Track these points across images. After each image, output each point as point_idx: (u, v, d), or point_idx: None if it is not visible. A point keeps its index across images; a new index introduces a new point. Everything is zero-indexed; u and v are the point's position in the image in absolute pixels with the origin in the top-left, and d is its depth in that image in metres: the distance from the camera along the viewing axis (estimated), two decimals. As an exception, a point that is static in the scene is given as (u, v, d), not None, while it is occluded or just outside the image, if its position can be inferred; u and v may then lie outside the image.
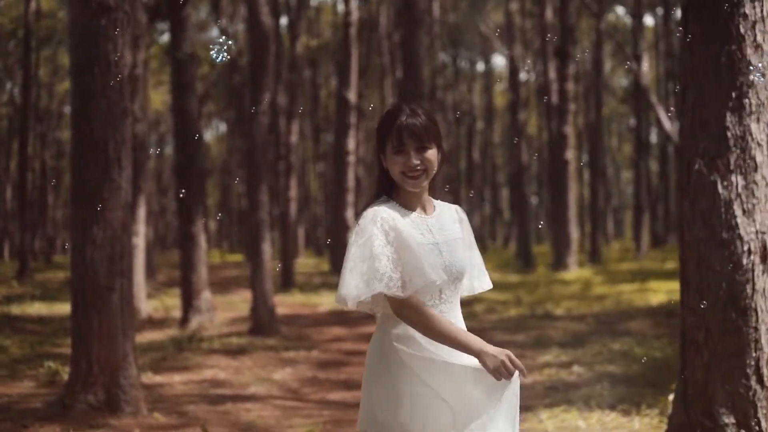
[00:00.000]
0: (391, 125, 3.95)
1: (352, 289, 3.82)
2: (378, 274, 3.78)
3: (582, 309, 19.49)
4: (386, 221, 3.85)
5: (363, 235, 3.85)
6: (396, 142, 3.93)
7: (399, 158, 3.93)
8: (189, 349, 14.27)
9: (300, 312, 21.11)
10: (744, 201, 6.53)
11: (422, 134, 3.93)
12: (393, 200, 4.01)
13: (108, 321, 9.14)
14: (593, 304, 20.45)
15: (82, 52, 9.31)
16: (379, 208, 3.92)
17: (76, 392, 9.13)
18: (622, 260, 39.57)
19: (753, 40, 6.55)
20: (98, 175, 9.17)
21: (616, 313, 18.46)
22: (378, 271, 3.77)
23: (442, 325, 3.84)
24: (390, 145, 3.96)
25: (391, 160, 3.96)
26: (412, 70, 20.11)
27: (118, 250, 9.25)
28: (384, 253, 3.80)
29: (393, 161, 3.95)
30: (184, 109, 17.87)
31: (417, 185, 3.96)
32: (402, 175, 3.94)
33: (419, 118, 3.94)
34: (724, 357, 6.56)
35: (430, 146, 3.96)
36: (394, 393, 3.88)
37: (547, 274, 30.85)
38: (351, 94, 25.79)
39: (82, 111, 9.29)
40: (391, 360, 3.91)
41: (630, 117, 64.25)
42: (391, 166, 3.96)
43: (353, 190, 25.74)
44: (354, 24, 26.40)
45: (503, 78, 58.94)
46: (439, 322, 3.85)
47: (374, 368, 3.98)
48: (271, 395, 10.66)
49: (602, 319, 17.53)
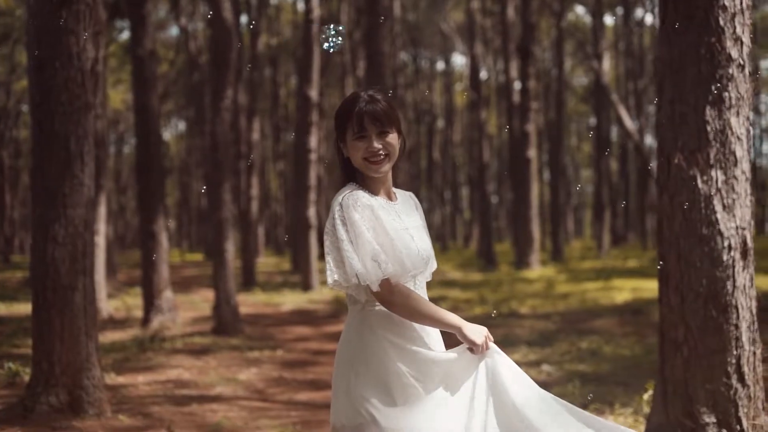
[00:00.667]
0: (351, 111, 3.96)
1: (359, 268, 3.77)
2: (381, 257, 3.80)
3: (547, 307, 19.41)
4: (367, 207, 3.86)
5: (349, 221, 3.84)
6: (357, 128, 3.94)
7: (361, 144, 3.95)
8: (152, 349, 14.04)
9: (263, 311, 20.90)
10: (724, 196, 6.43)
11: (383, 119, 3.95)
12: (361, 188, 4.00)
13: (70, 321, 8.90)
14: (558, 303, 20.38)
15: (42, 45, 9.05)
16: (356, 193, 3.91)
17: (37, 394, 8.86)
18: (584, 258, 39.64)
19: (732, 32, 6.44)
20: (59, 171, 8.92)
21: (581, 312, 18.39)
22: (379, 256, 3.80)
23: (428, 307, 3.90)
24: (351, 132, 3.97)
25: (353, 147, 3.97)
26: (376, 68, 19.94)
27: (81, 248, 9.01)
28: (369, 239, 3.82)
29: (355, 147, 3.97)
30: (146, 106, 17.65)
31: (380, 170, 3.97)
32: (365, 161, 3.97)
33: (379, 104, 3.95)
34: (704, 355, 6.46)
35: (391, 131, 3.98)
36: (382, 384, 3.85)
37: (510, 272, 30.82)
38: (313, 92, 25.56)
39: (42, 105, 9.02)
40: (374, 349, 3.90)
41: (590, 116, 64.56)
42: (353, 153, 3.98)
43: (315, 189, 25.49)
44: (316, 21, 26.15)
45: (464, 77, 59.03)
46: (425, 304, 3.90)
47: (354, 358, 3.92)
48: (237, 396, 10.45)
49: (568, 318, 17.45)
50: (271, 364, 12.87)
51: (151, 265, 17.53)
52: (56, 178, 8.92)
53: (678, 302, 6.53)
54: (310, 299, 23.64)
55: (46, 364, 8.90)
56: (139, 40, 17.83)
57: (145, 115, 17.68)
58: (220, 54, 17.08)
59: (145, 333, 16.10)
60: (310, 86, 25.66)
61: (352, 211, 3.82)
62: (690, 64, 6.50)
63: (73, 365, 8.90)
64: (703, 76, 6.46)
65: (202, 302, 22.32)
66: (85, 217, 9.04)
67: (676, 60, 6.59)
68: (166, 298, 17.60)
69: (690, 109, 6.50)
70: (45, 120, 9.01)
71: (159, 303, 17.44)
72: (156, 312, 17.38)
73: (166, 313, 17.49)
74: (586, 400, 9.26)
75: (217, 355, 13.55)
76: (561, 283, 25.35)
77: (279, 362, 13.05)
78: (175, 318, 17.63)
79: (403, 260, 3.84)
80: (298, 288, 26.29)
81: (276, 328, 17.50)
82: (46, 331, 8.91)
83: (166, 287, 17.66)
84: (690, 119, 6.50)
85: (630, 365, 11.84)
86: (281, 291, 25.95)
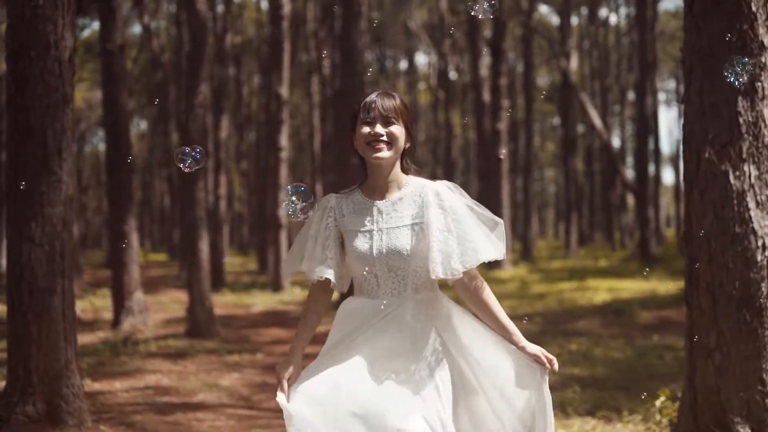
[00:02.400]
0: (364, 102, 4.13)
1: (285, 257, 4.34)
2: (293, 254, 4.33)
3: (524, 308, 19.07)
4: (320, 208, 4.22)
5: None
6: (364, 114, 4.10)
7: (366, 128, 4.10)
8: (126, 353, 13.51)
9: (234, 312, 20.39)
10: (758, 192, 6.06)
11: (390, 110, 4.09)
12: (359, 188, 4.24)
13: (48, 326, 8.36)
14: (534, 303, 20.07)
15: (18, 34, 8.53)
16: (330, 195, 4.27)
17: (13, 403, 8.32)
18: (552, 258, 39.44)
19: (765, 18, 6.08)
20: (36, 167, 8.39)
21: (561, 313, 18.08)
22: (292, 252, 4.33)
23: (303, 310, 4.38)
24: (359, 119, 4.12)
25: (359, 133, 4.11)
26: (350, 64, 19.48)
27: (59, 248, 8.48)
28: (301, 237, 4.24)
29: (360, 134, 4.11)
30: (116, 102, 17.12)
31: (379, 156, 4.06)
32: (367, 146, 4.09)
33: (392, 99, 4.12)
34: (737, 361, 6.08)
35: (397, 122, 4.11)
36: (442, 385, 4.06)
37: (481, 272, 30.32)
38: (283, 90, 25.06)
39: (17, 98, 8.48)
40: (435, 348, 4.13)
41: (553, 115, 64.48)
42: (359, 139, 4.12)
43: (286, 188, 25.00)
44: (286, 17, 25.69)
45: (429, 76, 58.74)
46: (305, 306, 4.39)
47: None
48: (222, 403, 9.96)
49: (550, 319, 17.13)
50: (252, 368, 12.36)
51: (120, 266, 17.02)
52: (33, 175, 8.38)
53: (709, 306, 6.14)
54: (281, 300, 23.19)
55: (22, 371, 8.36)
56: (108, 34, 17.29)
57: (115, 112, 17.15)
58: (195, 48, 16.58)
59: (117, 335, 15.59)
60: (280, 84, 25.18)
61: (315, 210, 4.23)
62: (720, 53, 6.11)
63: (51, 372, 8.37)
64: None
65: (171, 303, 21.79)
66: (64, 216, 8.51)
67: (704, 48, 6.21)
68: (136, 299, 17.09)
69: (721, 101, 6.13)
70: (20, 113, 8.47)
71: (130, 304, 16.94)
72: (126, 314, 16.88)
73: (137, 315, 16.98)
74: (591, 407, 8.89)
75: (195, 359, 13.04)
76: (534, 283, 25.07)
77: (260, 366, 12.55)
78: (146, 320, 17.13)
79: (304, 261, 4.18)
80: (268, 288, 25.86)
81: (250, 330, 17.00)
82: (23, 337, 8.37)
83: (137, 288, 17.15)
84: (721, 111, 6.12)
85: (625, 368, 11.51)
86: (250, 292, 25.49)
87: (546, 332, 15.09)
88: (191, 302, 15.95)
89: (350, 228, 4.12)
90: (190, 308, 15.96)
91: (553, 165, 72.37)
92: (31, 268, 8.36)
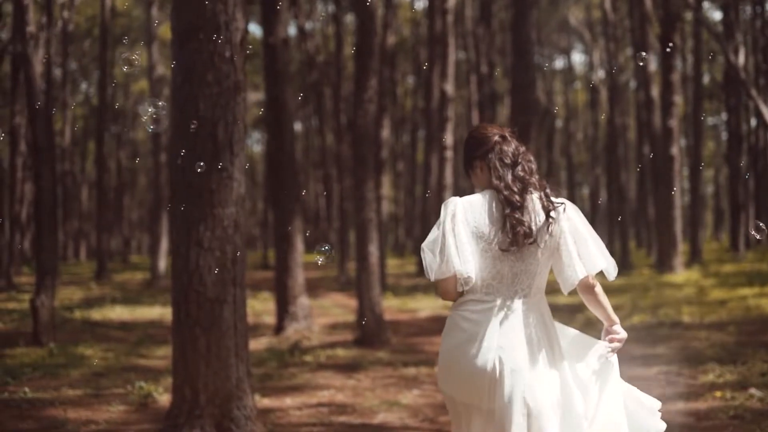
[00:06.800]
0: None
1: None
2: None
3: (710, 316, 17.56)
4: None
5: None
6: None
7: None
8: (293, 364, 12.69)
9: (399, 318, 19.48)
10: None
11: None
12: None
13: (218, 340, 7.50)
14: (718, 311, 18.51)
15: (185, 14, 7.68)
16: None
17: (179, 425, 7.48)
18: (722, 261, 37.46)
19: None
20: (206, 163, 7.51)
21: (752, 322, 16.53)
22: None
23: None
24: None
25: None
26: (523, 57, 18.32)
27: (230, 254, 7.62)
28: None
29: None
30: (278, 99, 16.57)
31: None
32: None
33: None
34: None
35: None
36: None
37: (651, 276, 28.95)
38: (448, 86, 24.13)
39: (185, 86, 7.64)
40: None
41: (711, 113, 62.05)
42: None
43: (451, 187, 24.09)
44: (450, 11, 24.76)
45: (590, 74, 57.14)
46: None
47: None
48: (406, 426, 8.90)
49: (744, 329, 15.59)
50: (431, 384, 11.22)
51: (285, 269, 16.47)
52: (202, 172, 7.50)
53: None
54: (445, 305, 22.16)
55: (189, 391, 7.52)
56: (271, 28, 16.65)
57: (277, 109, 16.55)
58: (364, 40, 15.67)
59: (282, 343, 14.93)
60: (445, 80, 24.24)
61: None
62: None
63: (221, 392, 7.51)
64: None
65: (334, 307, 21.06)
66: (235, 218, 7.64)
67: None
68: (301, 304, 16.43)
69: None
70: (188, 103, 7.62)
71: (294, 309, 16.31)
72: (290, 319, 16.26)
73: (301, 321, 16.31)
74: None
75: (368, 372, 12.09)
76: (711, 289, 23.43)
77: (439, 382, 11.49)
78: (311, 326, 16.43)
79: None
80: (431, 292, 24.92)
81: (420, 338, 16.04)
82: (190, 352, 7.53)
83: (302, 292, 16.52)
84: None
85: None
86: (414, 295, 24.65)
87: (743, 344, 13.59)
88: (360, 309, 15.12)
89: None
90: (360, 315, 15.08)
91: (711, 164, 69.80)
92: (199, 276, 7.51)
